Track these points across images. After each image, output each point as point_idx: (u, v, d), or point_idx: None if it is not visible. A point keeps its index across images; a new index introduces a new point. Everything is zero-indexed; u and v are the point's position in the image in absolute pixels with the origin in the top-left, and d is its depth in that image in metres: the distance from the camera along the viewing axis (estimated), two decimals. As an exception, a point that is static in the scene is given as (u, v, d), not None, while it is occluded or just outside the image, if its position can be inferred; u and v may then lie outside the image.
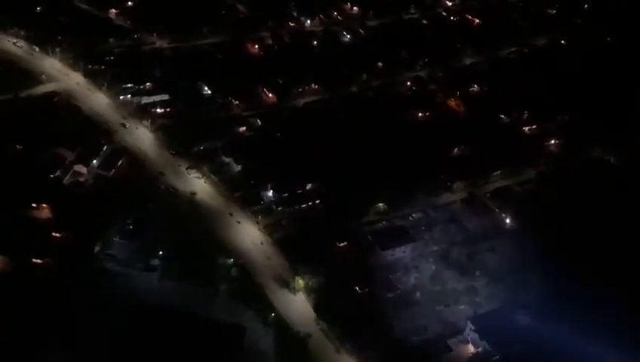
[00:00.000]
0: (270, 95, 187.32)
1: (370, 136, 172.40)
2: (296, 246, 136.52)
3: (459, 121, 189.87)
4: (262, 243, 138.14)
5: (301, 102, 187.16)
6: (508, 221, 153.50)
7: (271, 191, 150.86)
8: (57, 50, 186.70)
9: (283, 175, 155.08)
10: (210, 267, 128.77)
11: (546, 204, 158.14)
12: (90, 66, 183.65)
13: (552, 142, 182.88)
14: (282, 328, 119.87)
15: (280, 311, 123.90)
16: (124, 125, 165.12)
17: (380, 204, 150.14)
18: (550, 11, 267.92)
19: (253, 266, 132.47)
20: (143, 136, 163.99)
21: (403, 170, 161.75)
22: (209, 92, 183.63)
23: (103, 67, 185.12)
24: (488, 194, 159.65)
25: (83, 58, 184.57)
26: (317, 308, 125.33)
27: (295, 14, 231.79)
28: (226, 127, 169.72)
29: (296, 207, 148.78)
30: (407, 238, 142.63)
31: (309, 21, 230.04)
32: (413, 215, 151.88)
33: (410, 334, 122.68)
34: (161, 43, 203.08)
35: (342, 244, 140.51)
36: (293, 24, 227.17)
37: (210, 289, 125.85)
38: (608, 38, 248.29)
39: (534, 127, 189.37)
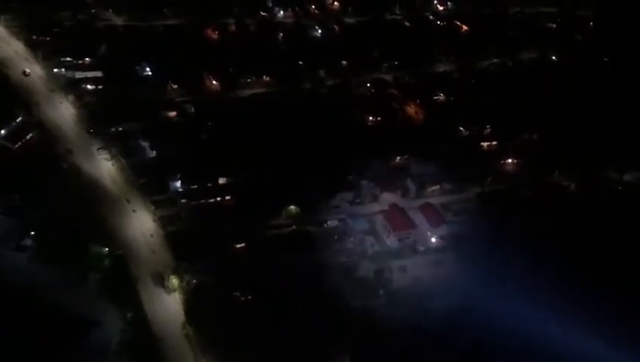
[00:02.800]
0: (214, 83, 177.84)
1: (308, 134, 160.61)
2: (188, 242, 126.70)
3: (412, 129, 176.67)
4: (152, 236, 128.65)
5: (246, 93, 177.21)
6: (433, 240, 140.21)
7: (179, 181, 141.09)
8: (4, 17, 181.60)
9: (198, 166, 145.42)
10: (83, 254, 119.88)
11: (480, 225, 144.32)
12: (34, 37, 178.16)
13: (509, 161, 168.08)
14: (139, 328, 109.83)
15: (147, 310, 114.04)
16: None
17: (292, 207, 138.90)
18: (551, 25, 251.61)
19: (133, 258, 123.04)
20: (64, 112, 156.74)
21: (332, 174, 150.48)
22: (149, 73, 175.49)
23: (47, 38, 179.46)
24: (417, 209, 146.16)
25: (28, 27, 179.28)
26: (188, 311, 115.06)
27: (270, 4, 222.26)
28: (154, 111, 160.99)
29: (202, 201, 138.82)
30: (311, 247, 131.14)
31: (281, 12, 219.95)
32: (329, 222, 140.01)
33: (281, 353, 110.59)
34: (116, 20, 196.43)
35: (239, 246, 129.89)
36: (264, 14, 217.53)
37: (78, 276, 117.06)
38: (605, 59, 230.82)
39: (494, 143, 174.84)
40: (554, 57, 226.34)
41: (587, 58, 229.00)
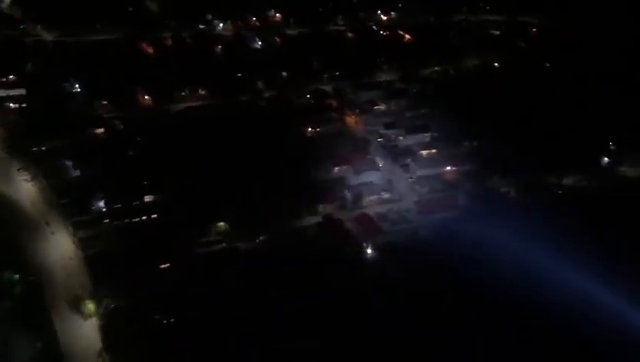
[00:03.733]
0: (146, 97, 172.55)
1: (244, 148, 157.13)
2: (108, 264, 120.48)
3: (352, 139, 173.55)
4: (70, 259, 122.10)
5: (179, 107, 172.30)
6: (369, 250, 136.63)
7: (103, 200, 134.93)
8: None
9: (123, 184, 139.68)
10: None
11: (418, 235, 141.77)
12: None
13: (448, 168, 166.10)
14: (50, 358, 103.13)
15: (60, 338, 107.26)
16: None
17: (221, 223, 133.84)
18: (494, 32, 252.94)
19: (48, 284, 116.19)
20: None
21: (268, 187, 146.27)
22: (78, 90, 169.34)
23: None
24: (353, 220, 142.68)
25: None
26: (105, 337, 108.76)
27: (210, 17, 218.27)
28: (80, 128, 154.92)
29: (126, 221, 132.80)
30: (240, 265, 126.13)
31: (221, 25, 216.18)
32: (261, 237, 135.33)
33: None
34: (46, 36, 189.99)
35: (164, 266, 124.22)
36: (203, 27, 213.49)
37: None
38: (547, 64, 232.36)
39: (434, 151, 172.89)
40: (496, 64, 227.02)
41: (529, 64, 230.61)
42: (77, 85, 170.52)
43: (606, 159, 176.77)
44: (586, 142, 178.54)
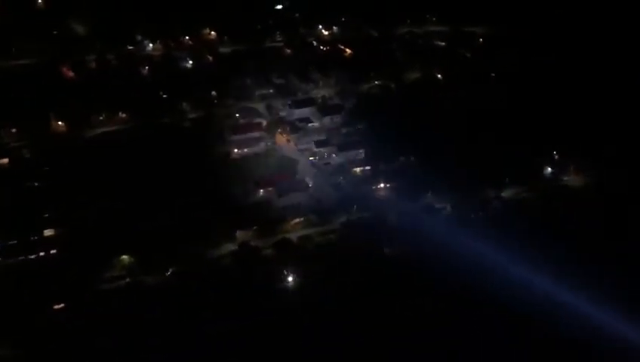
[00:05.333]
0: (60, 123, 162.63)
1: (160, 173, 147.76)
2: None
3: (281, 158, 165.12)
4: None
5: (94, 132, 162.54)
6: (290, 279, 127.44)
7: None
8: None
9: (22, 218, 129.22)
10: None
11: (345, 257, 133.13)
12: None
13: (382, 186, 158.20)
14: None
15: None
16: None
17: (125, 256, 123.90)
18: (439, 43, 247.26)
19: None
20: None
21: (181, 215, 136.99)
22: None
23: None
24: (273, 247, 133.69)
25: None
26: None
27: (139, 38, 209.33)
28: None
29: (21, 258, 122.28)
30: (146, 302, 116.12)
31: (150, 45, 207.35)
32: (171, 270, 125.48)
33: None
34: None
35: (59, 307, 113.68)
36: (131, 48, 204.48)
37: None
38: (493, 74, 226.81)
39: (367, 168, 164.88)
40: (439, 76, 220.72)
41: (474, 75, 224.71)
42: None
43: (548, 169, 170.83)
44: (528, 153, 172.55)
